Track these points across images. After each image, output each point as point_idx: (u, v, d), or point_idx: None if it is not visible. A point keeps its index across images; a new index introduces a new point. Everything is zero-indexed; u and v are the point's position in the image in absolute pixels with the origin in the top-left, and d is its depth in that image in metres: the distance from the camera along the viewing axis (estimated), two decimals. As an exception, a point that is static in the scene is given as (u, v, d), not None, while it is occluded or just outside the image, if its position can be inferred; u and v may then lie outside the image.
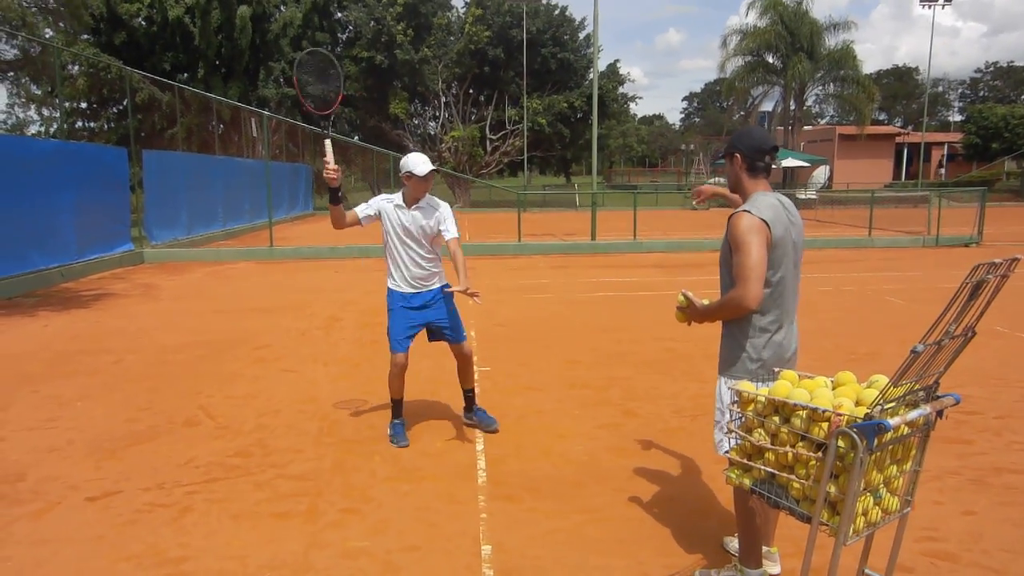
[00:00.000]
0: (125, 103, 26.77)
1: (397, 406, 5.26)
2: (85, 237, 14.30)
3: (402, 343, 5.07)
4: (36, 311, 10.39)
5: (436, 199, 5.17)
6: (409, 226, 5.01)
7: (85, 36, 30.49)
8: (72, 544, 3.75)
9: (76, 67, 29.25)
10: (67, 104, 29.43)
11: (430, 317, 5.12)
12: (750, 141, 3.17)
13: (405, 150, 39.35)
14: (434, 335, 5.24)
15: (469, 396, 5.50)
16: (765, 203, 3.07)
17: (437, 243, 5.13)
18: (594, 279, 13.39)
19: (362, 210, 5.10)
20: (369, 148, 31.93)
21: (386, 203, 5.08)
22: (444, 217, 5.09)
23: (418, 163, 4.93)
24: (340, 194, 4.94)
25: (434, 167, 4.95)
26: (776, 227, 3.01)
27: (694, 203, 4.01)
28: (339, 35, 40.84)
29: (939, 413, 2.48)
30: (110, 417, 5.73)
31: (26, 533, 3.86)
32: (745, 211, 3.03)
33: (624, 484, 4.43)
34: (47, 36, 27.73)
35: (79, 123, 31.68)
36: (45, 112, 35.16)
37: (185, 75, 31.82)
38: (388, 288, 5.17)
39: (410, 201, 5.03)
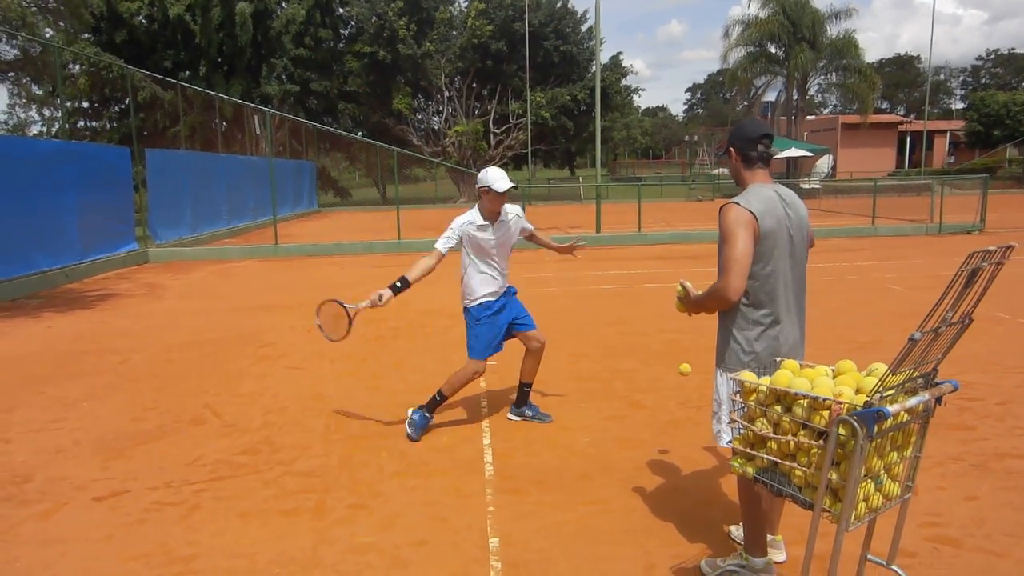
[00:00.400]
0: (127, 102, 26.83)
1: (438, 404, 5.22)
2: (89, 238, 14.37)
3: (487, 353, 5.08)
4: (40, 312, 10.45)
5: (508, 206, 5.09)
6: (498, 243, 5.03)
7: (86, 35, 30.55)
8: (80, 544, 3.79)
9: (77, 66, 29.33)
10: (68, 104, 29.51)
11: (507, 317, 5.16)
12: (740, 133, 3.20)
13: (409, 145, 39.39)
14: (510, 332, 5.23)
15: (526, 391, 5.42)
16: (758, 195, 3.08)
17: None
18: (599, 272, 13.40)
19: (444, 244, 4.96)
20: (373, 144, 31.94)
21: (468, 227, 4.98)
22: (520, 217, 5.15)
23: (497, 178, 4.85)
24: (398, 286, 5.09)
25: (513, 185, 4.89)
26: (766, 219, 3.02)
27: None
28: (341, 31, 40.86)
29: (938, 400, 2.49)
30: (116, 417, 5.78)
31: (34, 534, 3.90)
32: (734, 203, 3.06)
33: (630, 475, 4.46)
34: (47, 36, 27.78)
35: (81, 123, 31.77)
36: (46, 112, 35.31)
37: (187, 73, 31.89)
38: (470, 307, 5.08)
39: (490, 217, 4.98)
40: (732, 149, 3.21)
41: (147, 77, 26.03)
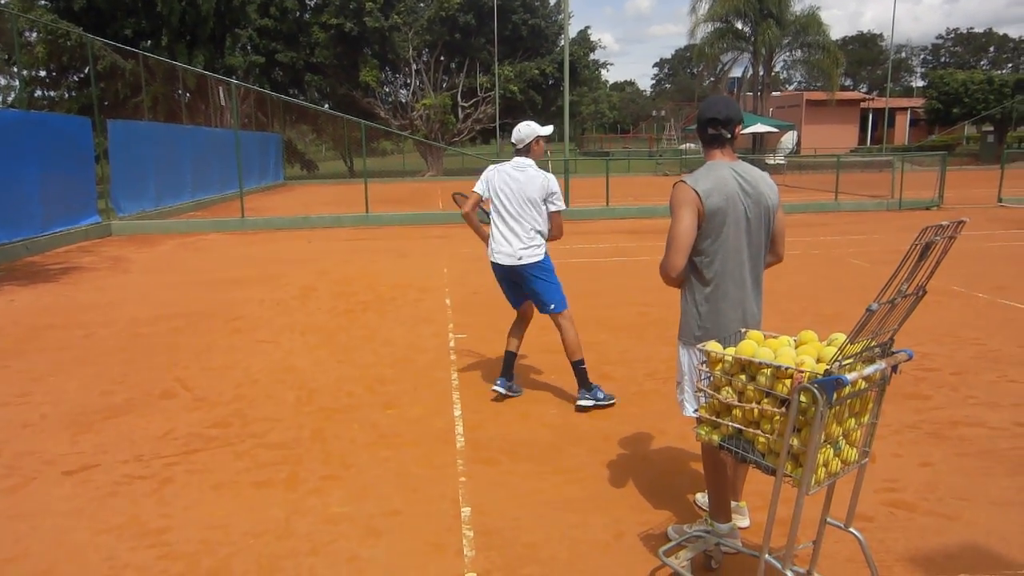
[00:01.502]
0: (86, 71, 26.15)
1: (586, 372, 5.19)
2: (50, 210, 14.06)
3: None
4: (1, 286, 10.25)
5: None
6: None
7: (42, 2, 29.61)
8: (50, 518, 3.77)
9: (34, 34, 28.43)
10: (25, 72, 28.64)
11: None
12: (699, 114, 3.23)
13: (376, 119, 38.96)
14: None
15: (513, 359, 5.37)
16: (709, 174, 3.12)
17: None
18: (567, 245, 13.44)
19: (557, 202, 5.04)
20: (339, 116, 31.51)
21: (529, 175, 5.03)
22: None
23: (537, 127, 5.06)
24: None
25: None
26: (712, 197, 3.06)
27: None
28: (307, 1, 40.09)
29: (894, 368, 2.58)
30: (84, 391, 5.72)
31: (2, 508, 3.87)
32: (681, 181, 3.12)
33: (599, 445, 4.54)
34: (2, 2, 26.89)
35: (38, 92, 30.87)
36: (2, 81, 34.24)
37: (148, 42, 31.06)
38: (547, 253, 5.07)
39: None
40: (697, 129, 3.26)
41: (107, 46, 25.33)
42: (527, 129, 5.04)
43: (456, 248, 12.87)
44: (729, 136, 3.18)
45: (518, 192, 4.96)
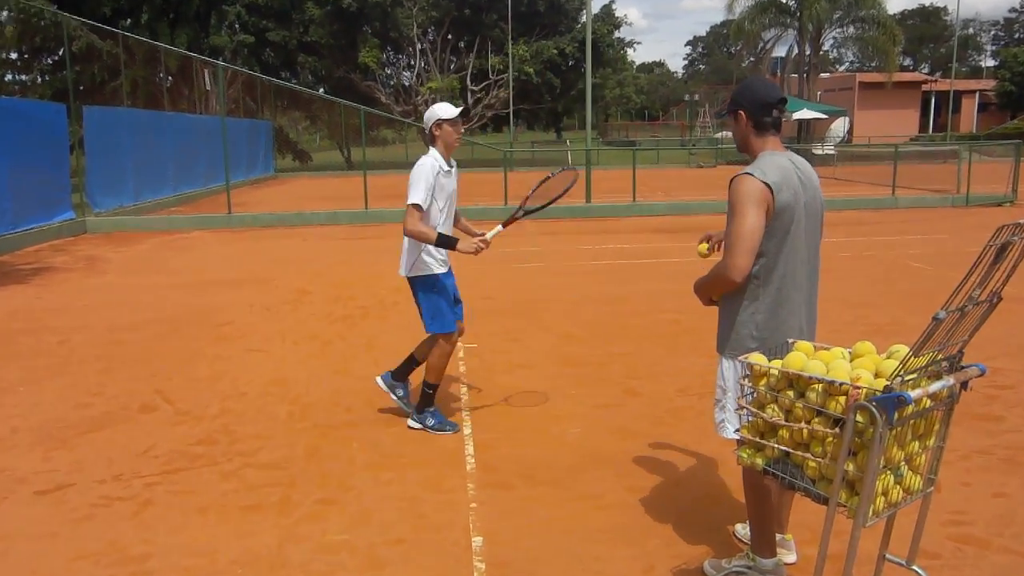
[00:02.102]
0: (61, 53, 26.42)
1: (434, 392, 5.20)
2: (20, 205, 14.19)
3: (453, 320, 5.10)
4: (-31, 288, 10.36)
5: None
6: (453, 191, 5.01)
7: (13, -22, 29.97)
8: (23, 542, 3.79)
9: (4, 13, 28.76)
10: (-6, 55, 28.98)
11: (455, 293, 5.20)
12: (752, 95, 3.18)
13: (376, 103, 39.11)
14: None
15: (413, 368, 5.37)
16: (772, 164, 3.10)
17: None
18: (590, 246, 13.44)
19: (425, 198, 4.77)
20: (336, 101, 31.67)
21: (434, 176, 4.83)
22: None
23: (444, 107, 4.87)
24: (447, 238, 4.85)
25: (464, 107, 4.95)
26: (782, 192, 3.04)
27: (703, 251, 3.92)
28: (301, -26, 40.35)
29: (963, 385, 2.55)
30: (58, 403, 5.77)
31: (-29, 530, 3.90)
32: (747, 173, 3.07)
33: (626, 469, 4.53)
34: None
35: (8, 76, 31.22)
36: (-31, 64, 34.61)
37: (128, 21, 31.39)
38: (427, 271, 4.97)
39: (447, 155, 4.96)
40: (742, 112, 3.21)
41: (83, 25, 25.58)
42: (428, 112, 4.97)
43: (466, 248, 12.88)
44: (783, 120, 3.20)
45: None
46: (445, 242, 4.77)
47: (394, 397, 5.38)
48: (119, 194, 18.64)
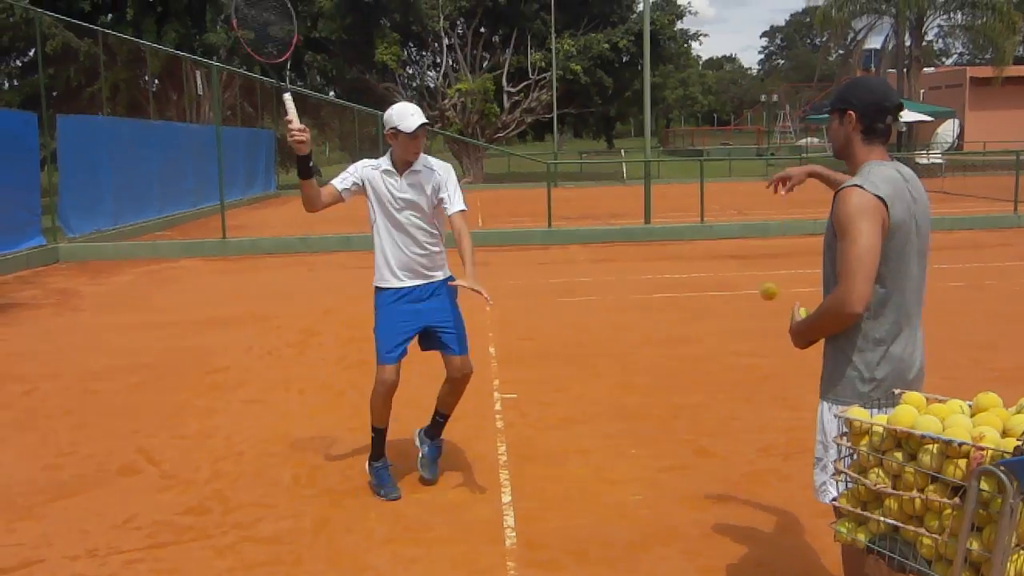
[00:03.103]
0: (32, 54, 27.13)
1: (379, 441, 5.26)
2: (-17, 230, 14.51)
3: (392, 352, 5.10)
4: (-76, 328, 10.59)
5: (434, 160, 5.23)
6: (403, 197, 5.04)
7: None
8: (-17, 628, 3.84)
9: (-33, 9, 29.66)
10: (-44, 57, 29.85)
11: (427, 319, 5.15)
12: (868, 96, 3.18)
13: (396, 109, 39.48)
14: (429, 342, 5.27)
15: (440, 422, 5.47)
16: (883, 176, 3.09)
17: (439, 219, 5.18)
18: (650, 276, 13.41)
19: (340, 182, 5.10)
20: (349, 107, 32.14)
21: (371, 170, 5.10)
22: (445, 182, 5.12)
23: (405, 115, 4.94)
24: (311, 165, 4.89)
25: (425, 121, 4.98)
26: (896, 207, 3.03)
27: (780, 191, 3.95)
28: (308, -40, 41.13)
29: (1114, 446, 2.49)
30: (23, 464, 5.84)
31: (-76, 615, 3.96)
32: (856, 186, 3.05)
33: (697, 545, 4.47)
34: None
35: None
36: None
37: (109, 17, 32.19)
38: (375, 286, 5.21)
39: (401, 165, 5.06)
40: (853, 112, 3.19)
41: (59, 22, 26.29)
42: (387, 112, 5.11)
43: (501, 279, 12.93)
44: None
45: None
46: (300, 168, 4.89)
47: (422, 451, 5.43)
48: (96, 216, 18.99)
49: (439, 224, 5.21)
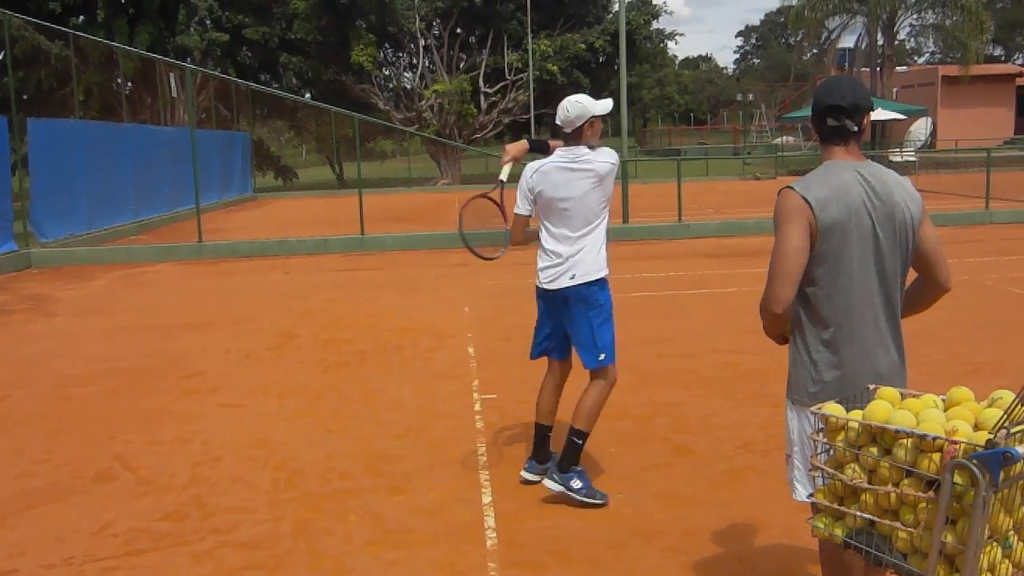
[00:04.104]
0: (2, 56, 26.84)
1: (581, 449, 5.09)
2: (-45, 236, 14.39)
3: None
4: None
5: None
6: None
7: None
8: (-41, 637, 3.81)
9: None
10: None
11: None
12: (817, 99, 3.23)
13: (372, 110, 39.51)
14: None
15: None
16: (825, 177, 3.10)
17: None
18: (628, 274, 13.43)
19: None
20: (325, 108, 32.01)
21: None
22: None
23: (595, 102, 5.03)
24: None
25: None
26: (828, 209, 3.04)
27: None
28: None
29: (1085, 438, 2.52)
30: (-1, 471, 5.80)
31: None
32: (788, 187, 3.12)
33: (678, 543, 4.49)
34: None
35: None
36: None
37: (80, 18, 31.93)
38: (605, 276, 5.10)
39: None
40: (813, 117, 3.24)
41: (28, 24, 26.06)
42: (577, 108, 5.00)
43: (480, 279, 12.91)
44: (855, 129, 3.17)
45: None
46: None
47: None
48: (70, 221, 18.84)
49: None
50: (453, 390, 7.39)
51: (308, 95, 42.39)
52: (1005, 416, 2.34)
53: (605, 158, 5.00)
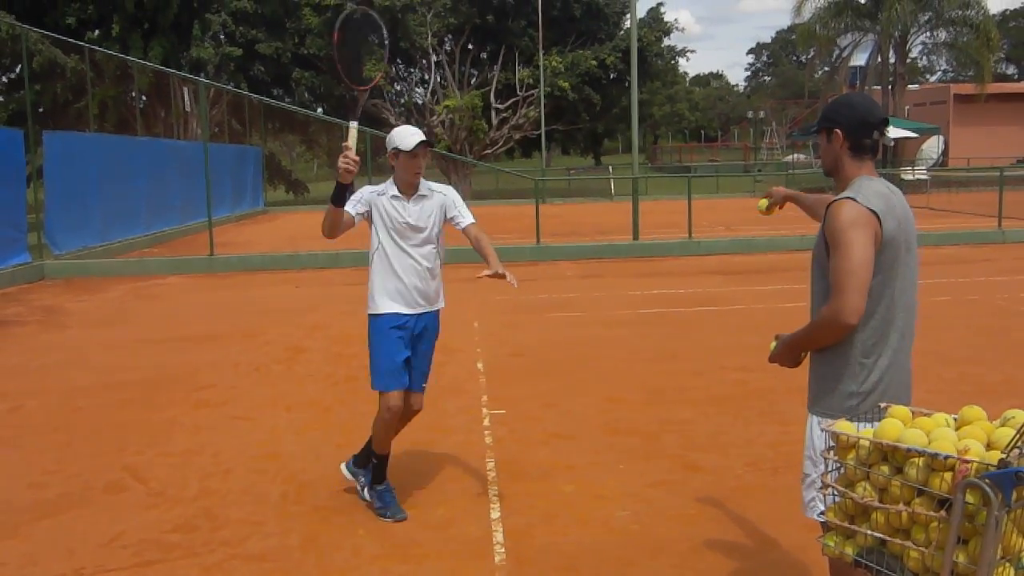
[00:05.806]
0: (18, 70, 27.10)
1: (382, 466, 5.22)
2: (-32, 247, 14.46)
3: (398, 379, 5.10)
4: (-92, 345, 10.53)
5: (434, 183, 5.25)
6: (412, 223, 5.05)
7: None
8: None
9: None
10: (-57, 74, 29.80)
11: (413, 350, 5.17)
12: (852, 112, 3.21)
13: (384, 125, 39.59)
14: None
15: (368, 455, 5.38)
16: (874, 190, 3.11)
17: (441, 247, 5.22)
18: (637, 291, 13.44)
19: (353, 206, 5.05)
20: (337, 123, 32.14)
21: (377, 196, 5.07)
22: (453, 202, 5.20)
23: (404, 135, 4.99)
24: (349, 194, 4.91)
25: (424, 139, 5.01)
26: (888, 220, 3.06)
27: (764, 206, 4.01)
28: (296, -23, 41.26)
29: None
30: (8, 483, 5.81)
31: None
32: (848, 198, 3.07)
33: (686, 559, 4.48)
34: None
35: (-42, 98, 32.06)
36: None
37: (96, 33, 32.14)
38: (373, 313, 5.10)
39: (406, 188, 5.05)
40: (839, 130, 3.22)
41: (45, 38, 26.26)
42: (388, 135, 5.15)
43: (488, 294, 12.92)
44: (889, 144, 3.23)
45: None
46: (336, 195, 4.87)
47: (359, 489, 5.32)
48: (83, 233, 18.92)
49: (441, 252, 5.22)
50: (461, 405, 7.39)
51: (320, 109, 42.57)
52: (1018, 435, 2.34)
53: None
